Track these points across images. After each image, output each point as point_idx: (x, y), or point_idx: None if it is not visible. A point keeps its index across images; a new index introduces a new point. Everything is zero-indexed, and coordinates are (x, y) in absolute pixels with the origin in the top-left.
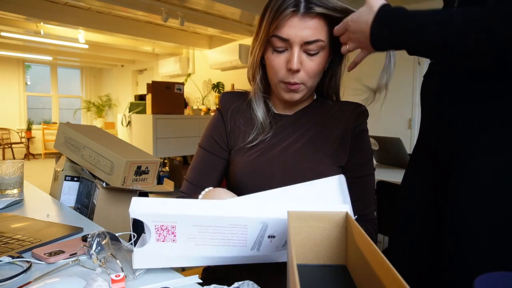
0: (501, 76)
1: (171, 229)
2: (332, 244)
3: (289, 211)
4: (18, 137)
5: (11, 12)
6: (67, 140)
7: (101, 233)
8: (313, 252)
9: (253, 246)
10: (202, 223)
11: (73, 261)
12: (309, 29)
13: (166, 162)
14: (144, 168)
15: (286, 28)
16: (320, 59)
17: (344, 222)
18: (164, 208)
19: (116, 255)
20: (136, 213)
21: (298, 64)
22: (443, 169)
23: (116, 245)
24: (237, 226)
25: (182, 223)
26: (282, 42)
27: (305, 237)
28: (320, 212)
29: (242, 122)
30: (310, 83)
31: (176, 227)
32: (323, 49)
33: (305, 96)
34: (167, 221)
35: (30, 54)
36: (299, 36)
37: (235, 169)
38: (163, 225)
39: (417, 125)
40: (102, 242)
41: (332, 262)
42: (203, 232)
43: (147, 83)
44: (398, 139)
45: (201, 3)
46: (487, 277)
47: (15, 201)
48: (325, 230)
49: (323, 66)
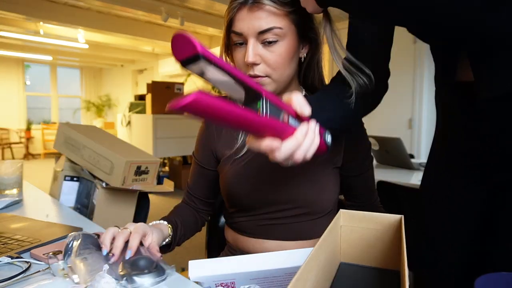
0: None
1: (230, 285)
2: (386, 248)
3: (341, 210)
4: (18, 137)
5: (11, 12)
6: (67, 140)
7: (76, 236)
8: (367, 254)
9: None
10: (259, 276)
11: (44, 270)
12: (260, 18)
13: (166, 162)
14: (144, 168)
15: (237, 22)
16: (281, 48)
17: (399, 227)
18: (221, 269)
19: (87, 259)
20: (196, 277)
21: (253, 57)
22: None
23: (89, 248)
24: (293, 274)
25: (240, 279)
26: (238, 36)
27: (357, 237)
28: (372, 213)
29: (228, 130)
30: (276, 75)
31: (235, 283)
32: (284, 37)
33: (276, 90)
34: (226, 279)
35: (29, 54)
36: (251, 28)
37: (225, 178)
38: (223, 283)
39: (417, 125)
40: (72, 245)
41: (386, 266)
42: (262, 283)
43: (147, 83)
44: (398, 139)
45: (201, 3)
46: (487, 277)
47: (15, 201)
48: (378, 232)
49: (288, 56)
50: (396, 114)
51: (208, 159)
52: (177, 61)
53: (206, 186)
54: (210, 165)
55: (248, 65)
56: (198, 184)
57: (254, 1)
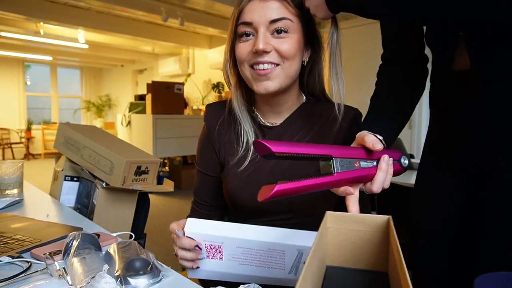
0: None
1: (218, 248)
2: (374, 249)
3: (328, 212)
4: (18, 137)
5: (11, 12)
6: (67, 140)
7: (76, 236)
8: (354, 256)
9: (290, 270)
10: (245, 245)
11: (42, 270)
12: (272, 8)
13: (166, 162)
14: (144, 168)
15: (248, 12)
16: (291, 40)
17: (386, 228)
18: (213, 230)
19: (86, 259)
20: (189, 232)
21: (264, 44)
22: (477, 180)
23: (88, 248)
24: (275, 251)
25: (228, 244)
26: (247, 26)
27: (344, 239)
28: (359, 215)
29: (230, 138)
30: (286, 65)
31: (223, 247)
32: (293, 32)
33: (281, 87)
34: (215, 241)
35: (30, 54)
36: (262, 17)
37: (227, 187)
38: (211, 245)
39: (417, 125)
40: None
41: (374, 268)
42: (246, 253)
43: (147, 83)
44: (398, 139)
45: (201, 3)
46: (487, 277)
47: (15, 201)
48: (366, 234)
49: (297, 49)
50: None
51: (211, 167)
52: (262, 155)
53: (211, 191)
54: (214, 172)
55: (255, 53)
56: (204, 191)
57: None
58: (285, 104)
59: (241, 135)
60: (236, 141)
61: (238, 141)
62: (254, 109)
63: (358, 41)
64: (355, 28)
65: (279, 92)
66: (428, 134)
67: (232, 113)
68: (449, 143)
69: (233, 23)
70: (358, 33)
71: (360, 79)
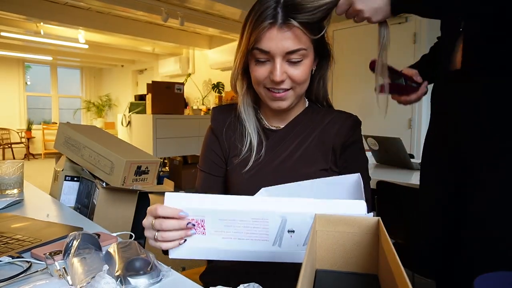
0: None
1: (200, 223)
2: (363, 252)
3: (317, 215)
4: (18, 137)
5: (11, 12)
6: (67, 140)
7: (76, 236)
8: (343, 259)
9: (274, 240)
10: (227, 217)
11: (42, 270)
12: (289, 39)
13: (166, 162)
14: (144, 168)
15: (265, 40)
16: (304, 66)
17: (376, 229)
18: (193, 203)
19: (86, 258)
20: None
21: (281, 76)
22: (464, 175)
23: (89, 248)
24: (258, 220)
25: (210, 217)
26: (263, 54)
27: (334, 242)
28: (349, 217)
29: (236, 139)
30: (299, 89)
31: (205, 221)
32: (307, 57)
33: (293, 104)
34: (197, 215)
35: (30, 54)
36: (280, 48)
37: (230, 188)
38: (193, 219)
39: (417, 125)
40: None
41: (364, 270)
42: (229, 226)
43: (147, 83)
44: (398, 139)
45: (201, 3)
46: (487, 277)
47: (15, 201)
48: (356, 236)
49: (309, 72)
50: (396, 114)
51: (218, 168)
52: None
53: (214, 192)
54: (221, 172)
55: (272, 82)
56: (206, 191)
57: (283, 22)
58: (289, 111)
59: (245, 136)
60: (240, 142)
61: (242, 142)
62: (259, 112)
63: (358, 41)
64: (355, 28)
65: (292, 105)
66: (428, 134)
67: (238, 115)
68: (449, 143)
69: (248, 44)
70: (358, 33)
71: (360, 79)
